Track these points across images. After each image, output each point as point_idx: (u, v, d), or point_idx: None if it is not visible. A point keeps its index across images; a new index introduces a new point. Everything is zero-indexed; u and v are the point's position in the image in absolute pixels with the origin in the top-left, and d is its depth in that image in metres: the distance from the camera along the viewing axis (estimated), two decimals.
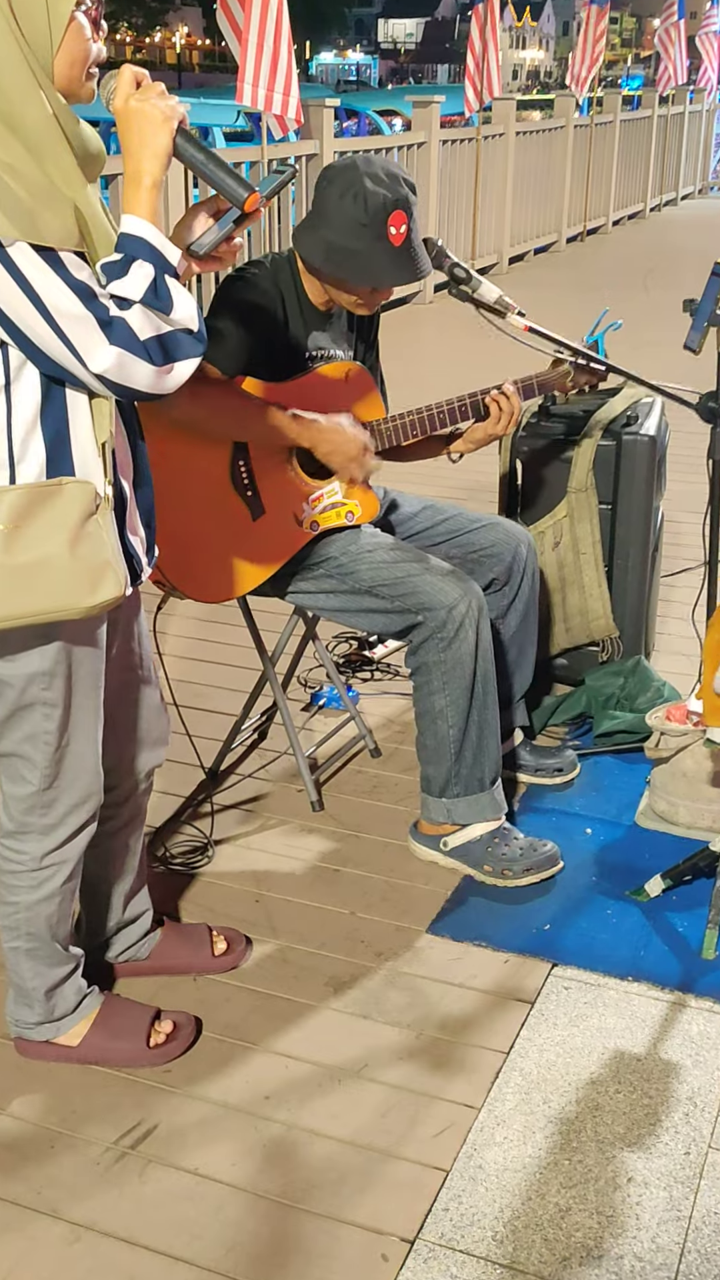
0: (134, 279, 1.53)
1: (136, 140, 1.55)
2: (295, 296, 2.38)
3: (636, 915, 2.34)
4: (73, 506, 1.59)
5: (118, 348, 1.50)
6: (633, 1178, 1.78)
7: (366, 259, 2.25)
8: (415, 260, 2.28)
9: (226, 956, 2.20)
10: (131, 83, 1.56)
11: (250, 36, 6.00)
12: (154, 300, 1.53)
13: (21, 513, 1.56)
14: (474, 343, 6.41)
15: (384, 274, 2.28)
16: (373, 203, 2.22)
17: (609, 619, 3.01)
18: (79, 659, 1.73)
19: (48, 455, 1.59)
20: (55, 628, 1.67)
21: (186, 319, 1.56)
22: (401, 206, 2.24)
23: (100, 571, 1.62)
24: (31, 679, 1.70)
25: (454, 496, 4.16)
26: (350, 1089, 1.94)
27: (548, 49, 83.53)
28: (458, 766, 2.43)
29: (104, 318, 1.50)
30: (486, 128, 9.58)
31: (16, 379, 1.56)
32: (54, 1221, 1.71)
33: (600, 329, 2.52)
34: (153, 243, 1.54)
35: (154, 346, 1.53)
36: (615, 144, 12.56)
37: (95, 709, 1.79)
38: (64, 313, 1.48)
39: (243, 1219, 1.72)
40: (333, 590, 2.46)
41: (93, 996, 2.00)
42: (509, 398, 2.47)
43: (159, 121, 1.55)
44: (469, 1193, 1.75)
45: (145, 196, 1.56)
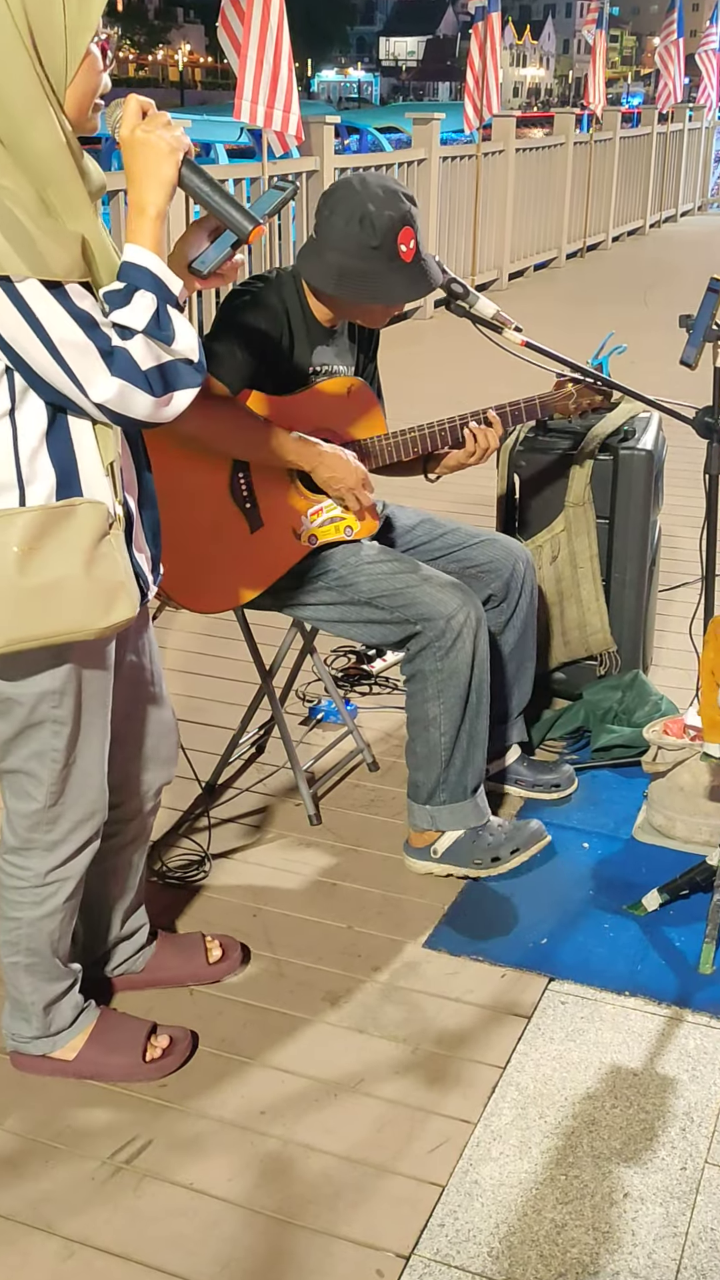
0: (136, 309, 1.54)
1: (141, 170, 1.57)
2: (300, 311, 2.39)
3: (634, 930, 2.33)
4: (86, 527, 1.60)
5: (119, 378, 1.51)
6: (629, 1193, 1.77)
7: (381, 280, 2.27)
8: (427, 273, 2.31)
9: (221, 964, 2.19)
10: (138, 113, 1.58)
11: (250, 53, 6.04)
12: (156, 330, 1.54)
13: (36, 535, 1.57)
14: (475, 358, 6.43)
15: (400, 292, 2.30)
16: (380, 224, 2.23)
17: (607, 633, 3.02)
18: (89, 678, 1.74)
19: (57, 477, 1.60)
20: (67, 647, 1.68)
21: (187, 349, 1.57)
22: (408, 223, 2.26)
23: (114, 592, 1.62)
24: (42, 697, 1.71)
25: (451, 510, 4.18)
26: (346, 1104, 1.94)
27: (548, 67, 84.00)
28: (446, 774, 2.44)
29: (106, 347, 1.51)
30: (486, 145, 9.63)
31: (21, 403, 1.56)
32: (48, 1237, 1.71)
33: (605, 351, 2.54)
34: (156, 273, 1.56)
35: (155, 376, 1.54)
36: (615, 161, 12.62)
37: (103, 727, 1.80)
38: (66, 343, 1.49)
39: (238, 1235, 1.71)
40: (332, 602, 2.47)
41: (89, 1011, 2.00)
42: (485, 433, 2.48)
43: (165, 153, 1.56)
44: (465, 1208, 1.75)
45: (149, 227, 1.57)
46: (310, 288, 2.37)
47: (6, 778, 1.80)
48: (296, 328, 2.39)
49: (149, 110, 1.59)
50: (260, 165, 6.83)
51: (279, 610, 2.54)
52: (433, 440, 2.50)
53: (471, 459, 2.52)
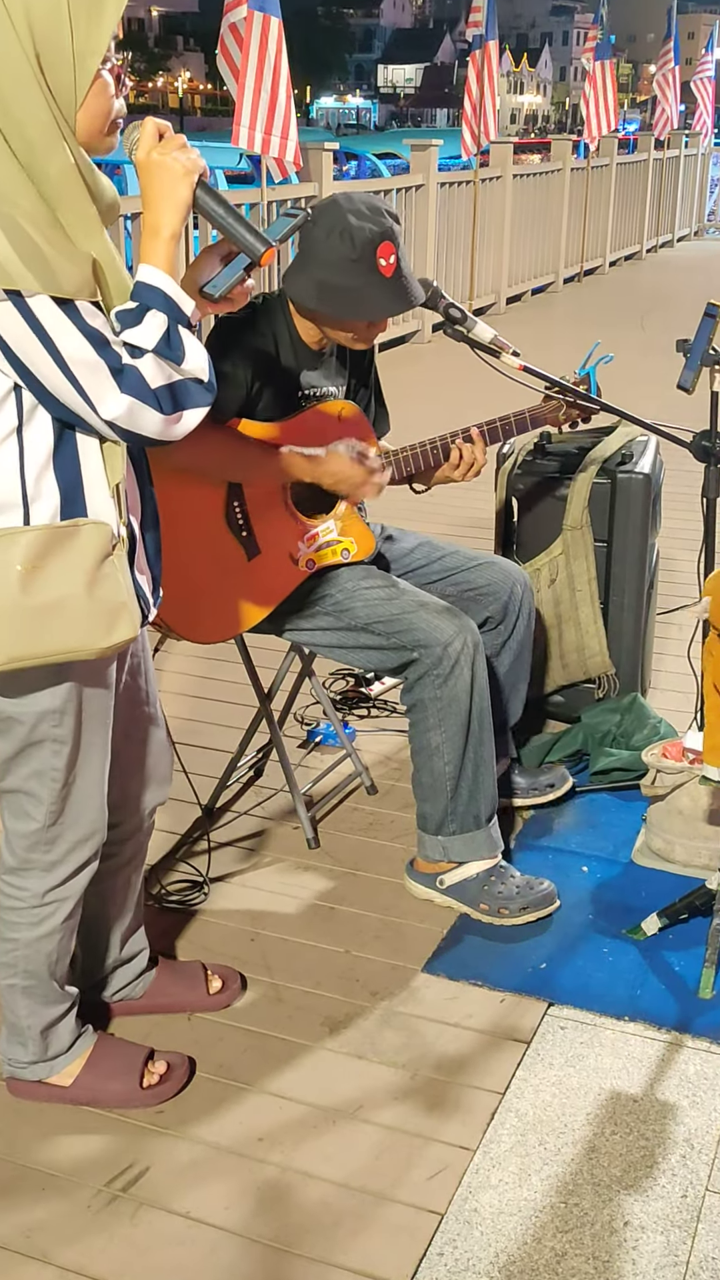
0: (147, 328, 1.55)
1: (157, 192, 1.58)
2: (288, 336, 2.40)
3: (633, 954, 2.32)
4: (90, 547, 1.61)
5: (129, 396, 1.52)
6: (629, 1221, 1.76)
7: (360, 294, 2.27)
8: (408, 289, 2.30)
9: (221, 995, 2.18)
10: (154, 135, 1.59)
11: (249, 80, 6.09)
12: (166, 350, 1.55)
13: (40, 554, 1.57)
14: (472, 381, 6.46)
15: (379, 306, 2.30)
16: (360, 238, 2.24)
17: (605, 656, 3.02)
18: (89, 697, 1.74)
19: (62, 496, 1.60)
20: (68, 667, 1.68)
21: (197, 369, 1.58)
22: (389, 238, 2.26)
23: (116, 612, 1.63)
24: (42, 716, 1.70)
25: (448, 533, 4.18)
26: (344, 1130, 1.93)
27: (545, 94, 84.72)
28: (454, 804, 2.43)
29: (116, 365, 1.52)
30: (484, 170, 9.69)
31: (30, 421, 1.57)
32: (43, 1266, 1.69)
33: (592, 362, 2.55)
34: (168, 293, 1.57)
35: (164, 395, 1.55)
36: (612, 186, 12.71)
37: (103, 746, 1.80)
38: (77, 360, 1.50)
39: (235, 1263, 1.70)
40: (329, 627, 2.47)
41: (86, 1036, 1.99)
42: (472, 449, 2.48)
43: (180, 175, 1.58)
44: (464, 1237, 1.73)
45: (163, 248, 1.58)
46: (294, 305, 2.37)
47: (6, 797, 1.80)
48: (284, 352, 2.39)
49: (165, 133, 1.61)
50: (260, 191, 6.87)
51: (277, 634, 2.54)
52: (425, 458, 2.51)
53: (457, 472, 2.52)
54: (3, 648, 1.58)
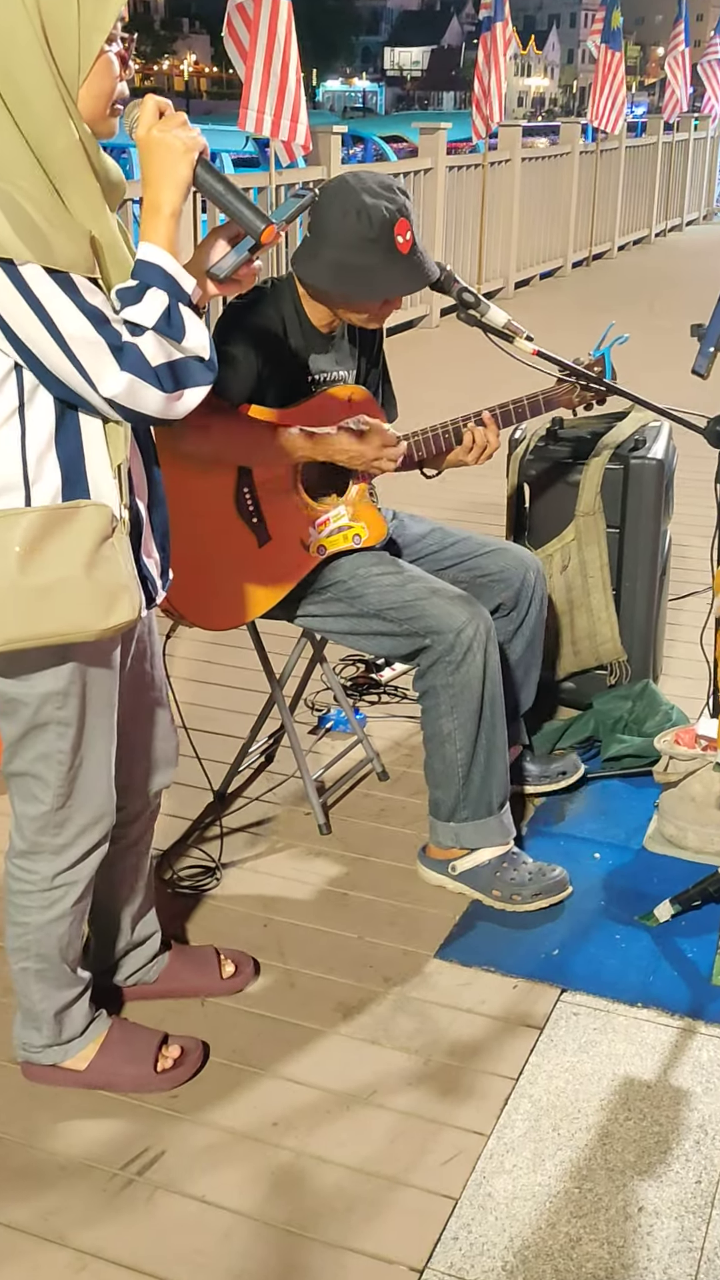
0: (148, 305, 1.54)
1: (157, 170, 1.57)
2: (297, 320, 2.39)
3: (645, 940, 2.32)
4: (89, 529, 1.60)
5: (128, 373, 1.52)
6: (643, 1207, 1.76)
7: (377, 273, 2.25)
8: (424, 265, 2.29)
9: (234, 979, 2.19)
10: (155, 113, 1.58)
11: (257, 63, 6.05)
12: (166, 327, 1.54)
13: (39, 535, 1.57)
14: (482, 365, 6.43)
15: (396, 284, 2.28)
16: (376, 216, 2.22)
17: (617, 642, 3.01)
18: (93, 679, 1.74)
19: (63, 477, 1.60)
20: (70, 648, 1.68)
21: (198, 347, 1.57)
22: (404, 215, 2.25)
23: (115, 594, 1.62)
24: (46, 699, 1.70)
25: (458, 517, 4.17)
26: (358, 1115, 1.93)
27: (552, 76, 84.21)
28: (466, 790, 2.42)
29: (116, 343, 1.51)
30: (493, 154, 9.64)
31: (31, 401, 1.57)
32: (60, 1249, 1.70)
33: (607, 343, 2.53)
34: (168, 271, 1.56)
35: (165, 373, 1.54)
36: (620, 170, 12.64)
37: (108, 729, 1.80)
38: (76, 337, 1.49)
39: (250, 1247, 1.70)
40: (341, 614, 2.46)
41: (100, 1020, 2.00)
42: (485, 432, 2.47)
43: (180, 152, 1.57)
44: (478, 1221, 1.74)
45: (164, 225, 1.57)
46: (306, 288, 2.36)
47: (13, 781, 1.80)
48: (294, 336, 2.38)
49: (166, 110, 1.60)
50: (268, 175, 6.84)
51: (289, 620, 2.53)
52: (436, 442, 2.49)
53: (469, 455, 2.51)
54: (2, 629, 1.58)
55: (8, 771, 1.80)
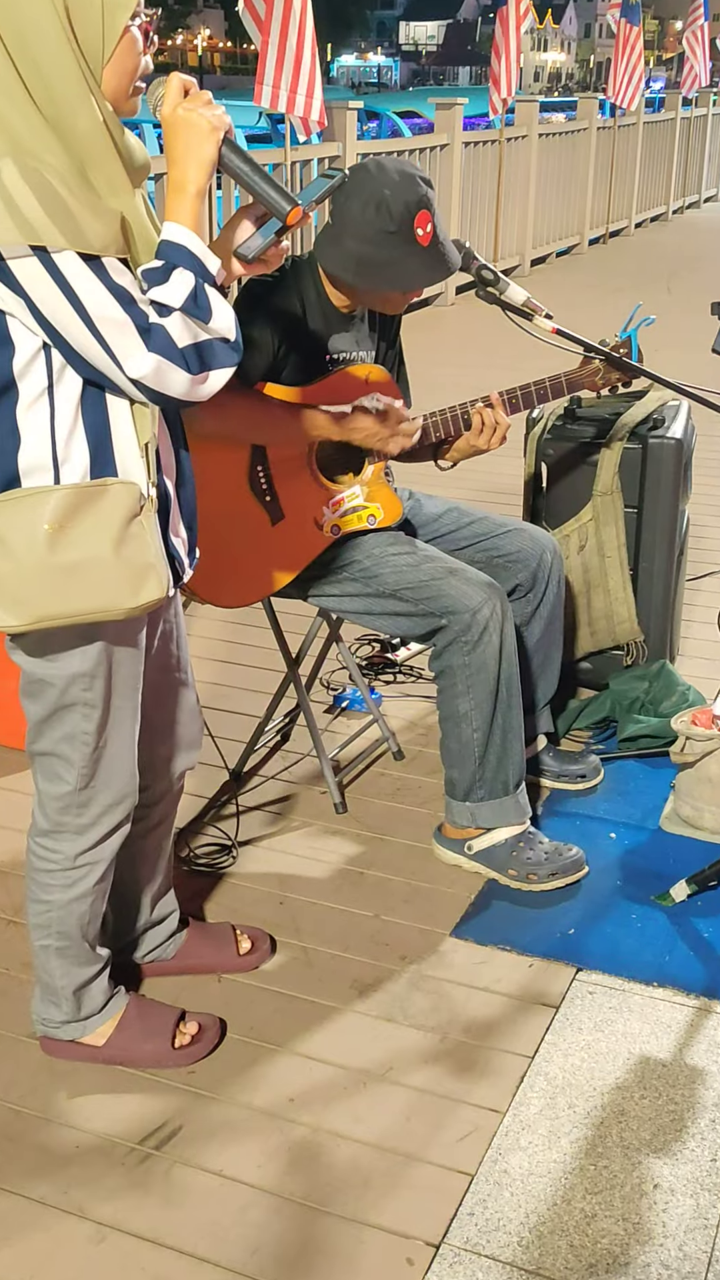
0: (174, 286, 1.53)
1: (182, 148, 1.56)
2: (316, 299, 2.38)
3: (661, 920, 2.33)
4: (117, 507, 1.60)
5: (155, 354, 1.51)
6: (659, 1184, 1.77)
7: (399, 266, 2.25)
8: (445, 256, 2.28)
9: (251, 955, 2.20)
10: (180, 91, 1.57)
11: (272, 38, 6.00)
12: (193, 308, 1.54)
13: (67, 513, 1.57)
14: (496, 344, 6.40)
15: (417, 276, 2.28)
16: (396, 209, 2.21)
17: (634, 623, 3.00)
18: (119, 660, 1.74)
19: (91, 456, 1.60)
20: (97, 628, 1.68)
21: (224, 328, 1.57)
22: (425, 206, 2.23)
23: (143, 573, 1.62)
24: (73, 679, 1.71)
25: (474, 498, 4.16)
26: (374, 1092, 1.94)
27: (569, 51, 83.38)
28: (481, 770, 2.43)
29: (143, 324, 1.51)
30: (509, 130, 9.57)
31: (59, 381, 1.57)
32: (80, 1221, 1.72)
33: (634, 324, 2.51)
34: (194, 251, 1.55)
35: (191, 354, 1.54)
36: (638, 146, 12.53)
37: (133, 710, 1.80)
38: (104, 318, 1.49)
39: (268, 1221, 1.72)
40: (357, 593, 2.46)
41: (119, 997, 2.01)
42: (491, 411, 2.45)
43: (206, 131, 1.56)
44: (494, 1197, 1.75)
45: (189, 205, 1.57)
46: (327, 275, 2.35)
47: (38, 760, 1.81)
48: (313, 315, 2.37)
49: (191, 89, 1.58)
50: (282, 151, 6.80)
51: (304, 599, 2.54)
52: (446, 425, 2.48)
53: (481, 439, 2.49)
54: (31, 607, 1.59)
55: (32, 751, 1.81)
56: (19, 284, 1.48)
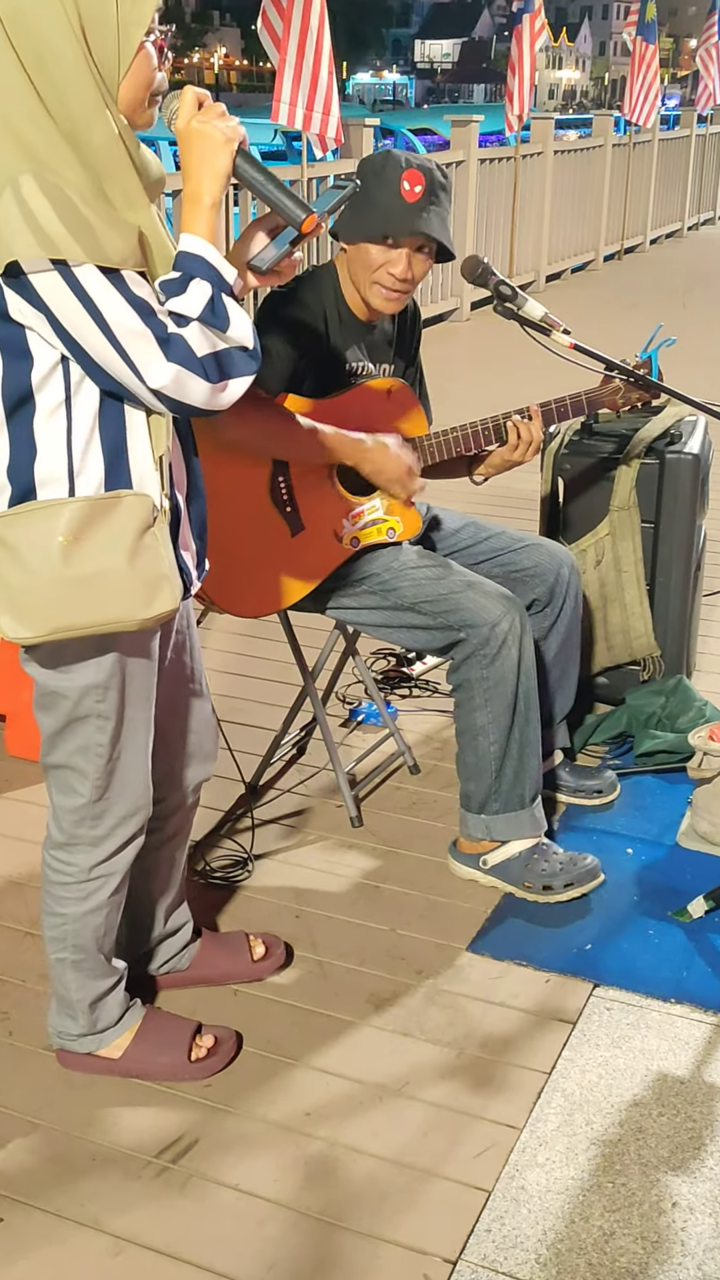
0: (192, 296, 1.54)
1: (197, 160, 1.58)
2: (336, 309, 2.39)
3: (679, 936, 2.32)
4: (131, 519, 1.61)
5: (175, 364, 1.52)
6: (677, 1202, 1.76)
7: (376, 208, 2.27)
8: (420, 217, 2.28)
9: (265, 961, 2.20)
10: (194, 104, 1.59)
11: (289, 55, 6.04)
12: (211, 318, 1.55)
13: (82, 525, 1.58)
14: (511, 360, 6.41)
15: (390, 221, 2.28)
16: (391, 160, 2.29)
17: (650, 638, 3.00)
18: (133, 671, 1.75)
19: (106, 469, 1.61)
20: (111, 640, 1.69)
21: (242, 337, 1.58)
22: (421, 171, 2.28)
23: (156, 584, 1.63)
24: (86, 691, 1.72)
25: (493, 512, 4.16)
26: (391, 1107, 1.94)
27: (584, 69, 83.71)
28: (498, 784, 2.42)
29: (162, 335, 1.52)
30: (525, 146, 9.60)
31: (77, 393, 1.58)
32: (96, 1234, 1.71)
33: (654, 345, 2.51)
34: (211, 261, 1.56)
35: (210, 363, 1.55)
36: (653, 163, 12.56)
37: (146, 721, 1.81)
38: (123, 329, 1.50)
39: (284, 1236, 1.71)
40: (375, 606, 2.47)
41: (135, 1009, 2.01)
42: (528, 426, 2.46)
43: (220, 143, 1.57)
44: (511, 1214, 1.74)
45: (205, 216, 1.58)
46: (342, 255, 2.37)
47: (52, 773, 1.81)
48: (333, 325, 2.39)
49: (205, 102, 1.60)
50: (298, 168, 6.84)
51: (321, 612, 2.54)
52: (475, 439, 2.48)
53: (516, 454, 2.50)
54: (45, 619, 1.60)
55: (46, 764, 1.81)
56: (40, 298, 1.49)
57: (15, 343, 1.54)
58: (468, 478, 2.63)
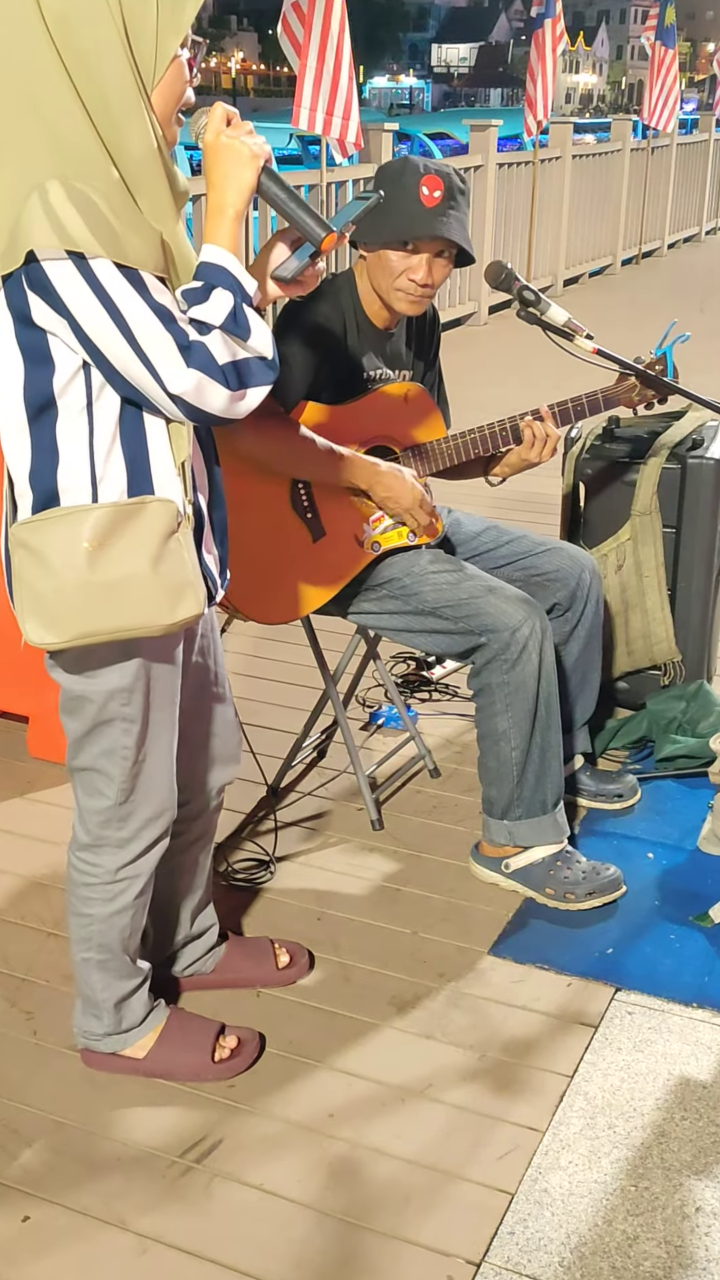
0: (215, 305, 1.56)
1: (223, 174, 1.60)
2: (355, 317, 2.40)
3: (700, 941, 2.32)
4: (155, 525, 1.62)
5: (196, 370, 1.53)
6: (701, 1207, 1.76)
7: (396, 214, 2.28)
8: (440, 220, 2.29)
9: (290, 969, 2.21)
10: (223, 119, 1.61)
11: (310, 60, 6.06)
12: (233, 326, 1.56)
13: (107, 531, 1.59)
14: (529, 364, 6.42)
15: (410, 226, 2.28)
16: (411, 165, 2.30)
17: (671, 642, 3.00)
18: (157, 675, 1.76)
19: (129, 474, 1.62)
20: (135, 644, 1.70)
21: (262, 346, 1.59)
22: (440, 176, 2.29)
23: (180, 590, 1.64)
24: (111, 695, 1.73)
25: (514, 517, 4.17)
26: (414, 1109, 1.94)
27: (601, 73, 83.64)
28: (520, 789, 2.43)
29: (184, 341, 1.53)
30: (543, 151, 9.60)
31: (98, 399, 1.59)
32: (122, 1233, 1.72)
33: (669, 341, 2.52)
34: (233, 272, 1.58)
35: (230, 371, 1.56)
36: (671, 167, 12.54)
37: (171, 724, 1.82)
38: (144, 333, 1.51)
39: (309, 1236, 1.72)
40: (396, 611, 2.47)
41: (159, 1010, 2.02)
42: (543, 425, 2.47)
43: (247, 159, 1.59)
44: (535, 1217, 1.75)
45: (228, 228, 1.60)
46: (361, 262, 2.38)
47: (78, 775, 1.82)
48: (351, 333, 2.40)
49: (233, 119, 1.62)
50: (317, 172, 6.86)
51: (343, 616, 2.55)
52: (492, 440, 2.49)
53: (533, 453, 2.50)
54: (71, 624, 1.61)
55: (72, 767, 1.82)
56: (61, 300, 1.50)
57: (38, 349, 1.55)
58: (484, 479, 2.64)
